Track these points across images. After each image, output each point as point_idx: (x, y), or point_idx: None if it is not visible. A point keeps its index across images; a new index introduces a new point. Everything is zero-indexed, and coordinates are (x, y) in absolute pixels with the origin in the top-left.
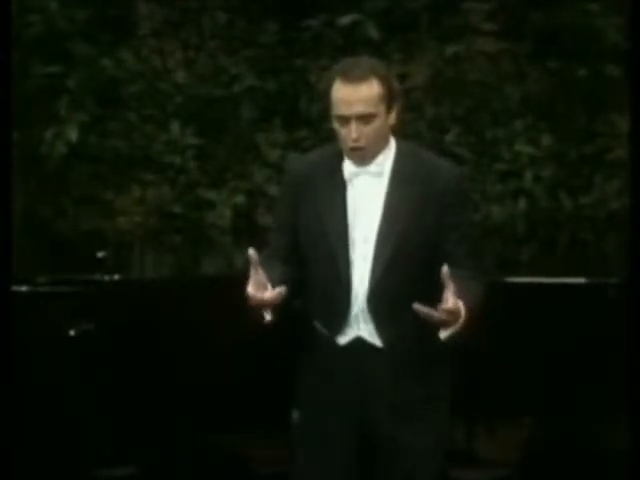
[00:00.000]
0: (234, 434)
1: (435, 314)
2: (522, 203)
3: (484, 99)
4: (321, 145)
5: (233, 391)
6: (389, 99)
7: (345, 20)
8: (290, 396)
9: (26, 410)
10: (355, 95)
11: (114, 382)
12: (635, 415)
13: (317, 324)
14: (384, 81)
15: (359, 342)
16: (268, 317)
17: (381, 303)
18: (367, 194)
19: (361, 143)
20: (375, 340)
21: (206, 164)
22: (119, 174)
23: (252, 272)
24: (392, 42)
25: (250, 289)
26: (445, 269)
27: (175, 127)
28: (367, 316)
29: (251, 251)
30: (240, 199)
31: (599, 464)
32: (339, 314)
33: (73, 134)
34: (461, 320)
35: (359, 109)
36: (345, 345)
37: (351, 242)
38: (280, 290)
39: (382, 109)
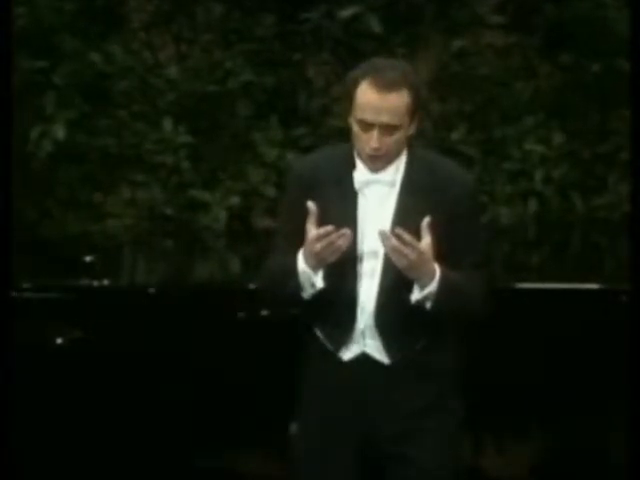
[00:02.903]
0: (229, 449)
1: (394, 241)
2: (532, 205)
3: (492, 95)
4: (320, 143)
5: (228, 404)
6: (414, 110)
7: (346, 12)
8: (288, 411)
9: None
10: (384, 103)
11: (102, 393)
12: None
13: (321, 338)
14: (414, 92)
15: (364, 358)
16: (320, 283)
17: (388, 319)
18: (377, 205)
19: (381, 152)
20: (381, 356)
21: (199, 164)
22: (108, 174)
23: (311, 225)
24: (396, 36)
25: (320, 231)
26: (427, 220)
27: (167, 125)
28: (374, 332)
29: (310, 203)
30: (235, 200)
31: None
32: (344, 329)
33: (60, 132)
34: (434, 284)
35: (385, 119)
36: (349, 360)
37: (359, 255)
38: (349, 232)
39: (406, 120)
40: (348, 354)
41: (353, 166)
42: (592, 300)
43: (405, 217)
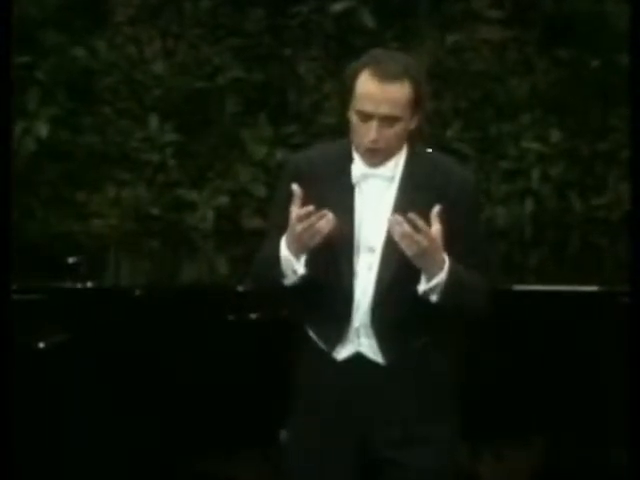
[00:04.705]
0: (219, 453)
1: (406, 226)
2: (529, 204)
3: (488, 91)
4: (311, 141)
5: (217, 407)
6: (416, 104)
7: (337, 6)
8: (280, 414)
9: None
10: (384, 94)
11: (87, 398)
12: None
13: (314, 337)
14: (416, 84)
15: (358, 357)
16: (301, 270)
17: (385, 317)
18: (375, 199)
19: (379, 145)
20: (376, 356)
21: (186, 162)
22: (92, 173)
23: (295, 206)
24: (389, 30)
25: (300, 211)
26: (437, 209)
27: (153, 122)
28: (369, 330)
29: (295, 186)
30: (223, 200)
31: None
32: (339, 327)
33: (43, 129)
34: (443, 274)
35: (385, 110)
36: (343, 360)
37: (355, 250)
38: (331, 215)
39: (407, 113)
40: (342, 354)
41: (351, 160)
42: (591, 302)
43: (404, 213)
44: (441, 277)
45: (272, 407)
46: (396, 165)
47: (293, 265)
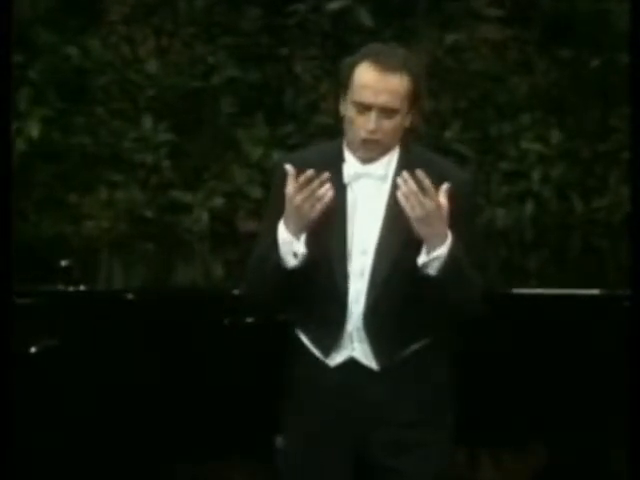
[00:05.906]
0: (213, 458)
1: (412, 183)
2: (530, 206)
3: (488, 91)
4: (307, 142)
5: (211, 412)
6: (414, 98)
7: (334, 5)
8: (274, 420)
9: None
10: (383, 84)
11: (78, 403)
12: None
13: (307, 342)
14: (415, 78)
15: (352, 363)
16: (302, 249)
17: (378, 321)
18: (367, 200)
19: (377, 136)
20: (370, 361)
21: (181, 163)
22: (85, 174)
23: (290, 184)
24: (387, 29)
25: (300, 178)
26: (446, 186)
27: (147, 122)
28: (362, 335)
29: (288, 166)
30: (218, 202)
31: None
32: (332, 332)
33: (34, 130)
34: (445, 248)
35: (384, 100)
36: (337, 366)
37: (348, 253)
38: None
39: (405, 107)
40: (336, 359)
41: (342, 160)
42: (592, 306)
43: (397, 214)
44: (442, 250)
45: (268, 411)
46: (389, 163)
47: (293, 246)
